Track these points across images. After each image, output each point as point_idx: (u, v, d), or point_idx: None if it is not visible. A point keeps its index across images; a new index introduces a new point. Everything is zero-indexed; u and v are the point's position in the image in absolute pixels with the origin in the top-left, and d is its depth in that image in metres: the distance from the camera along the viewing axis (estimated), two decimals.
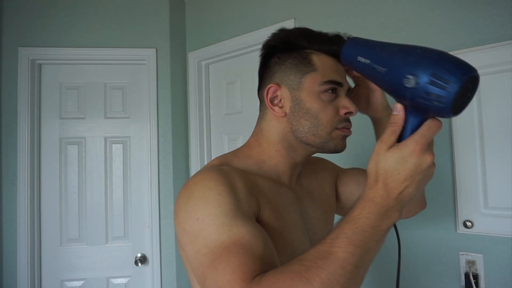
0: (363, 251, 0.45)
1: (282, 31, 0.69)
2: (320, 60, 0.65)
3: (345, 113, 0.65)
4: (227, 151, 2.12)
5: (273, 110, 0.67)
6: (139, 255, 1.81)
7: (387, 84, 0.48)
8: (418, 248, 1.21)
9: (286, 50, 0.68)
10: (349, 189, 0.85)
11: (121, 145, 1.87)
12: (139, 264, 1.79)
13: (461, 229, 1.13)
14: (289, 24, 1.55)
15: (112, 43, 1.82)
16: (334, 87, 0.65)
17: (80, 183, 1.82)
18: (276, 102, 0.67)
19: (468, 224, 1.12)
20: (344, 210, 0.88)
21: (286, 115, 0.66)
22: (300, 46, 0.67)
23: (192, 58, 1.95)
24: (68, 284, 1.78)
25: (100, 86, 1.86)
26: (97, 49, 1.81)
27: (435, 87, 0.41)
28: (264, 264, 0.50)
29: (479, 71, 1.23)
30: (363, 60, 0.51)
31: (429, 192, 1.19)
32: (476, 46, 1.11)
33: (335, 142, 0.66)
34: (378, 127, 0.75)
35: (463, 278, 1.12)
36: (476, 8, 1.12)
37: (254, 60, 1.78)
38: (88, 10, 1.81)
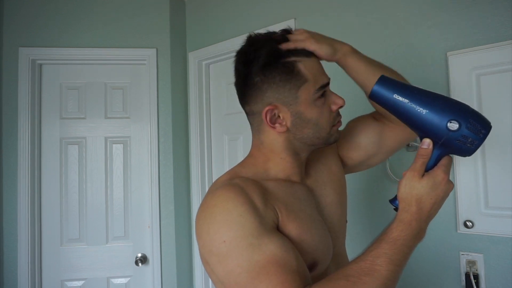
0: (400, 269, 0.53)
1: (253, 45, 0.67)
2: (306, 67, 0.65)
3: (337, 108, 0.69)
4: (227, 151, 2.13)
5: (275, 129, 0.68)
6: (139, 255, 1.82)
7: (424, 123, 0.56)
8: (418, 248, 1.20)
9: (268, 64, 0.64)
10: (352, 146, 0.86)
11: (122, 145, 1.87)
12: (140, 264, 1.79)
13: (462, 229, 1.13)
14: (289, 24, 1.55)
15: (112, 43, 1.83)
16: (325, 89, 0.67)
17: (80, 183, 1.82)
18: (275, 120, 0.67)
19: (469, 224, 1.12)
20: (354, 166, 0.89)
21: (288, 129, 0.68)
22: (281, 56, 0.65)
23: (193, 58, 1.95)
24: (69, 284, 1.78)
25: (101, 86, 1.86)
26: (98, 49, 1.81)
27: (472, 132, 0.53)
28: (301, 277, 0.54)
29: (479, 71, 1.24)
30: (400, 98, 0.57)
31: None
32: (476, 46, 1.11)
33: (334, 136, 0.71)
34: (343, 67, 0.78)
35: (463, 278, 1.13)
36: (476, 8, 1.12)
37: None
38: (88, 10, 1.81)
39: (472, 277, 1.10)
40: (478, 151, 1.11)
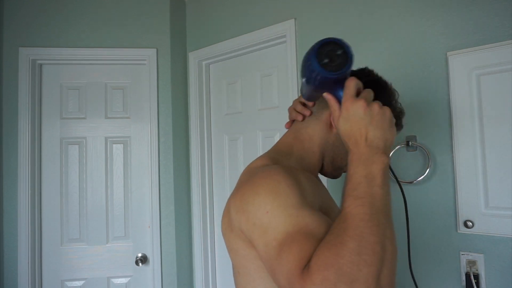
0: (369, 199, 0.51)
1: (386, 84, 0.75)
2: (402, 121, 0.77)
3: None
4: (227, 151, 2.12)
5: (332, 129, 0.74)
6: (139, 255, 1.82)
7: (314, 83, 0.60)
8: (418, 248, 1.21)
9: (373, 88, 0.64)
10: None
11: (122, 145, 1.87)
12: (140, 264, 1.79)
13: (462, 229, 1.13)
14: (289, 24, 1.55)
15: (112, 43, 1.83)
16: None
17: (80, 183, 1.82)
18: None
19: (469, 224, 1.12)
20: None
21: (334, 134, 0.74)
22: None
23: (193, 58, 1.95)
24: (69, 284, 1.78)
25: (101, 86, 1.86)
26: (98, 49, 1.81)
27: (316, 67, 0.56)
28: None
29: (479, 71, 1.23)
30: (303, 80, 0.63)
31: (430, 192, 1.19)
32: (476, 46, 1.11)
33: (334, 175, 0.81)
34: None
35: (463, 278, 1.13)
36: (476, 8, 1.12)
37: (254, 60, 1.78)
38: (88, 10, 1.82)
39: (472, 277, 1.10)
40: (478, 150, 1.11)
